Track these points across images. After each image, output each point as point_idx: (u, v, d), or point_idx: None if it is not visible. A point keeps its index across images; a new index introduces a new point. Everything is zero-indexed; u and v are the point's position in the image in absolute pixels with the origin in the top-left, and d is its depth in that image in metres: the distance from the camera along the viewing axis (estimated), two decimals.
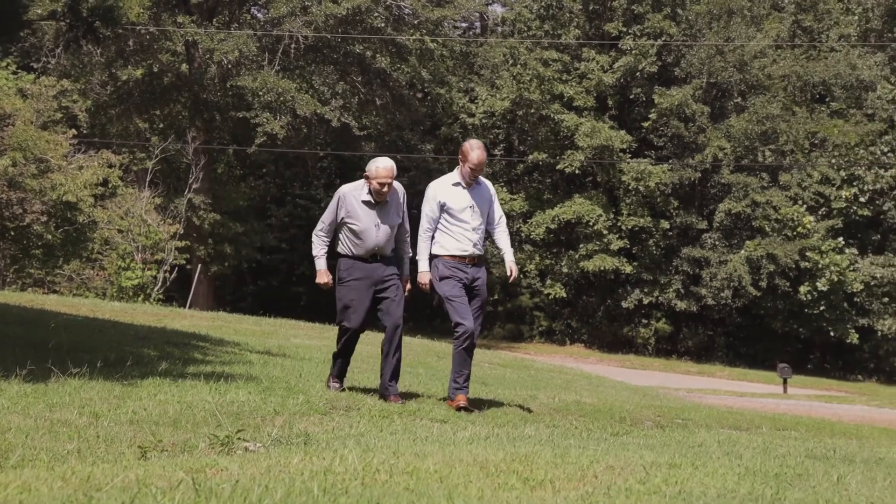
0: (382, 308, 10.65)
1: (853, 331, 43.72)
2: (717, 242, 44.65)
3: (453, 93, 49.34)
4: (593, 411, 12.17)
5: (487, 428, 9.44)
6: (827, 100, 47.32)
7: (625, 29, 45.77)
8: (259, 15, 46.75)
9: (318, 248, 10.83)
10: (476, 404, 11.00)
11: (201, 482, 5.45)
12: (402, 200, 10.70)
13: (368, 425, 9.00)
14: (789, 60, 46.65)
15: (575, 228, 45.99)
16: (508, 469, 6.38)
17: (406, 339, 25.62)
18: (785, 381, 33.07)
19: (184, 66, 43.83)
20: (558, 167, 45.82)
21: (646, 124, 45.76)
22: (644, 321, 46.55)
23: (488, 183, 11.03)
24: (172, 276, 37.65)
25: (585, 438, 9.14)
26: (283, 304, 44.39)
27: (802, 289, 43.42)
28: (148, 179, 39.73)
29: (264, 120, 39.90)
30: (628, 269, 45.01)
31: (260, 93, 39.98)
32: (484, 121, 49.36)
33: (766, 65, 46.07)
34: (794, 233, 43.46)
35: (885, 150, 44.42)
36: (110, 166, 37.00)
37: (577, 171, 45.84)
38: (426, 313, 51.41)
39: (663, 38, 45.32)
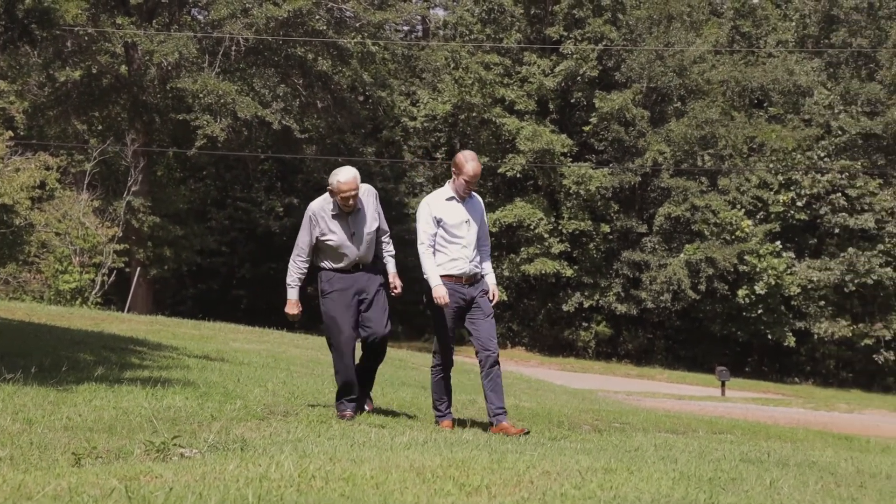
0: (366, 318, 10.16)
1: (790, 334, 44.14)
2: (656, 246, 44.90)
3: (395, 96, 49.31)
4: (532, 415, 12.21)
5: (425, 433, 9.43)
6: (765, 105, 47.77)
7: (566, 33, 45.94)
8: (199, 17, 46.48)
9: (293, 275, 10.29)
10: (419, 410, 10.98)
11: (135, 490, 5.41)
12: (375, 201, 10.21)
13: (306, 430, 8.96)
14: (728, 66, 47.04)
15: (516, 232, 46.07)
16: (445, 475, 6.38)
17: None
18: (723, 384, 33.32)
19: (123, 68, 43.50)
20: (500, 171, 45.89)
21: (587, 128, 45.94)
22: (585, 324, 46.72)
23: (479, 197, 10.56)
24: (111, 279, 37.36)
25: (523, 443, 9.15)
26: (223, 307, 44.16)
27: (741, 292, 43.77)
28: (86, 182, 39.37)
29: (204, 122, 39.70)
30: (569, 272, 45.19)
31: (200, 95, 39.76)
32: (425, 124, 49.39)
33: (706, 70, 46.42)
34: (733, 237, 43.80)
35: (822, 154, 44.89)
36: (48, 168, 36.65)
37: (518, 175, 45.92)
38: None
39: (604, 43, 45.56)
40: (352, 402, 10.13)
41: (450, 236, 10.11)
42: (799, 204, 44.81)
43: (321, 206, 10.09)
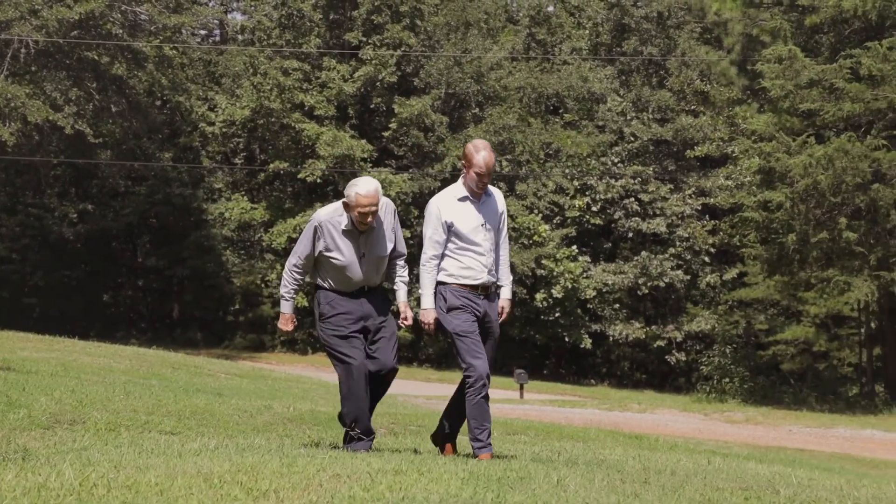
0: (372, 350, 8.90)
1: (586, 336, 45.00)
2: None
3: (193, 101, 48.69)
4: (327, 420, 12.17)
5: (217, 439, 9.32)
6: (560, 111, 48.66)
7: (365, 39, 46.03)
8: None
9: (288, 286, 8.96)
10: (212, 417, 10.81)
11: None
12: (393, 219, 8.95)
13: (93, 439, 8.77)
14: (524, 72, 47.77)
15: None
16: (233, 480, 6.30)
17: (141, 350, 25.18)
18: (521, 387, 33.74)
19: None
20: (300, 176, 45.66)
21: (386, 134, 46.08)
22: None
23: (498, 193, 9.09)
24: None
25: (316, 448, 9.11)
26: (13, 316, 42.78)
27: (538, 296, 44.45)
28: None
29: None
30: None
31: None
32: (224, 129, 48.82)
33: (503, 76, 47.06)
34: (531, 241, 44.45)
35: (616, 160, 45.94)
36: None
37: (318, 180, 45.79)
38: (166, 323, 50.57)
39: (402, 49, 45.79)
40: (365, 439, 8.95)
41: (464, 243, 8.79)
42: (594, 209, 45.75)
43: (330, 217, 8.78)
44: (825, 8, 33.89)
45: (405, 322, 9.06)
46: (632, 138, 46.05)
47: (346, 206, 8.62)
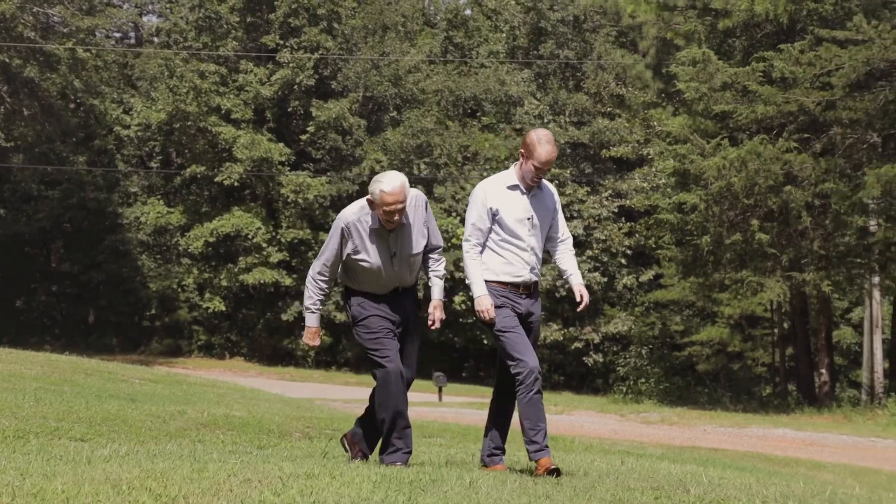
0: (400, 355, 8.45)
1: None
2: None
3: (107, 104, 48.22)
4: (242, 424, 12.11)
5: (128, 445, 9.23)
6: (478, 114, 48.78)
7: (282, 42, 45.91)
8: None
9: (313, 297, 8.60)
10: (124, 423, 10.68)
11: None
12: (425, 212, 8.33)
13: (0, 447, 8.64)
14: (442, 76, 47.86)
15: (234, 241, 45.70)
16: (141, 486, 6.24)
17: (54, 356, 24.84)
18: (440, 389, 33.79)
19: None
20: (216, 180, 45.43)
21: (304, 137, 45.98)
22: (303, 333, 46.53)
23: (552, 188, 8.53)
24: None
25: (229, 452, 9.05)
26: None
27: (457, 299, 44.51)
28: None
29: None
30: (288, 281, 45.07)
31: None
32: (139, 133, 48.43)
33: (420, 79, 47.13)
34: (449, 244, 44.46)
35: None
36: None
37: (235, 184, 45.56)
38: (81, 329, 50.00)
39: (320, 52, 45.70)
40: (400, 444, 8.46)
41: (507, 234, 8.25)
42: None
43: (357, 216, 8.16)
44: (738, 12, 34.22)
45: (433, 326, 8.59)
46: None
47: (371, 204, 8.02)
